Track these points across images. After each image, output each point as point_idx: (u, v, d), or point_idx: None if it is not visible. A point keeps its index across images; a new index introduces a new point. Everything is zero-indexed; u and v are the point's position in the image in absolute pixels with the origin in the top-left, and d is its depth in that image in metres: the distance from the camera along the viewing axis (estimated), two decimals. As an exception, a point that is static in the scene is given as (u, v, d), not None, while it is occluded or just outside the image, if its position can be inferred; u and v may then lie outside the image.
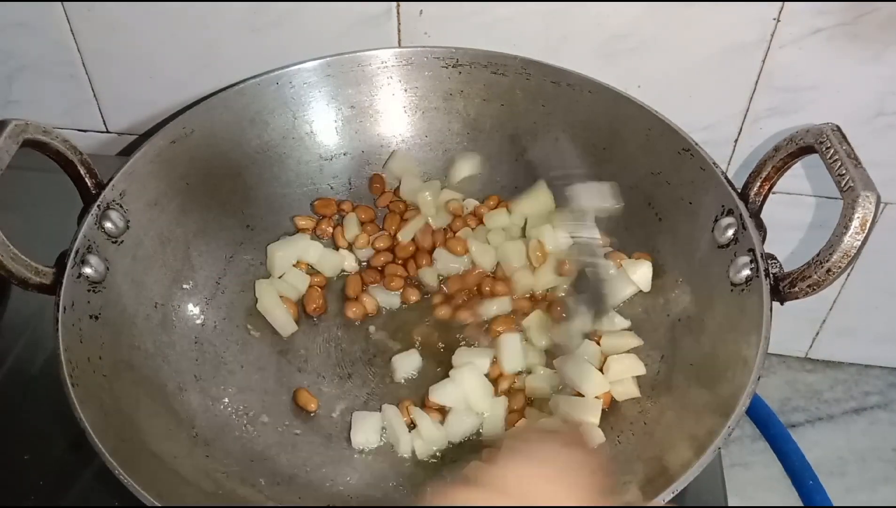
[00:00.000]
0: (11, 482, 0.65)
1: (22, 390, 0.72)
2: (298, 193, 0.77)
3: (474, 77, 0.75)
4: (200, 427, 0.64)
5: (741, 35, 0.70)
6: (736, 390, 0.54)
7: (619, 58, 0.73)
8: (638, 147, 0.69)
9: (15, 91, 0.87)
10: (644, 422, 0.63)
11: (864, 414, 0.89)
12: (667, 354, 0.66)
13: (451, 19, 0.75)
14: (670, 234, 0.69)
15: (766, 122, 0.75)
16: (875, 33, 0.68)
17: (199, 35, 0.80)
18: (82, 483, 0.65)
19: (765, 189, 0.62)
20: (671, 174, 0.68)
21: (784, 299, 0.58)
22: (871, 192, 0.53)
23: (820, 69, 0.71)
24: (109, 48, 0.83)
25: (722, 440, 0.53)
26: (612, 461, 0.61)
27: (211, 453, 0.62)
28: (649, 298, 0.70)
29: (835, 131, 0.57)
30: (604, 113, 0.70)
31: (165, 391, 0.64)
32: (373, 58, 0.75)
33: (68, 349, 0.56)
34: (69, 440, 0.67)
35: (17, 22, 0.82)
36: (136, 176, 0.66)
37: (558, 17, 0.72)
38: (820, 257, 0.55)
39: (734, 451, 0.84)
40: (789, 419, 0.88)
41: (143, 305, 0.66)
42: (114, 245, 0.64)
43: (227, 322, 0.72)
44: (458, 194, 0.77)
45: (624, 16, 0.71)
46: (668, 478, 0.52)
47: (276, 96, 0.74)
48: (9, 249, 0.57)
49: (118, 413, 0.58)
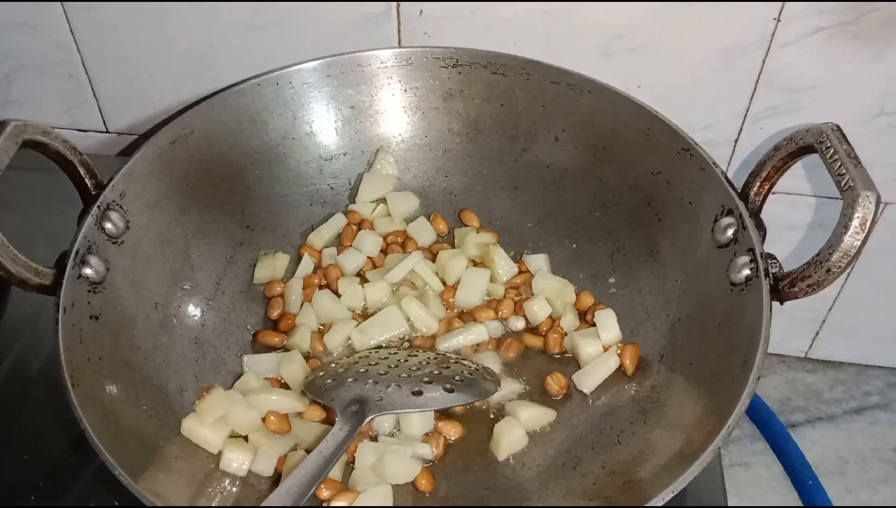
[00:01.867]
0: (11, 482, 0.65)
1: (22, 390, 0.72)
2: (298, 193, 0.77)
3: (474, 77, 0.75)
4: (200, 428, 0.64)
5: (741, 35, 0.70)
6: (736, 390, 0.54)
7: (620, 58, 0.73)
8: (638, 147, 0.69)
9: (14, 91, 0.87)
10: (644, 422, 0.63)
11: (864, 414, 0.89)
12: (667, 354, 0.66)
13: (451, 19, 0.75)
14: (670, 234, 0.69)
15: (766, 122, 0.75)
16: (875, 33, 0.68)
17: (199, 35, 0.80)
18: (82, 483, 0.65)
19: (765, 189, 0.62)
20: (671, 174, 0.68)
21: (784, 298, 0.58)
22: (871, 192, 0.53)
23: (820, 69, 0.71)
24: (109, 48, 0.83)
25: (722, 439, 0.53)
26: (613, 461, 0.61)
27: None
28: (649, 298, 0.70)
29: (835, 131, 0.57)
30: (604, 113, 0.70)
31: (165, 392, 0.64)
32: (373, 58, 0.75)
33: (68, 349, 0.56)
34: (69, 441, 0.67)
35: (17, 22, 0.82)
36: (135, 176, 0.66)
37: (558, 17, 0.72)
38: (820, 257, 0.55)
39: (734, 451, 0.84)
40: (789, 419, 0.88)
41: (143, 305, 0.66)
42: (114, 246, 0.64)
43: (227, 322, 0.72)
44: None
45: (624, 16, 0.71)
46: (668, 478, 0.52)
47: (275, 97, 0.74)
48: (9, 249, 0.57)
49: (118, 413, 0.58)
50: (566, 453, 0.64)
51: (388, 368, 0.65)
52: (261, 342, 0.72)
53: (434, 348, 0.71)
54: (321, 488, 0.60)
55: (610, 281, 0.73)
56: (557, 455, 0.64)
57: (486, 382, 0.65)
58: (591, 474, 0.61)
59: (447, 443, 0.65)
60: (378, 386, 0.62)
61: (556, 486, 0.61)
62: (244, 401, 0.64)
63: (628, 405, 0.65)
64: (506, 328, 0.73)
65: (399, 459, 0.62)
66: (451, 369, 0.65)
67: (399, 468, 0.62)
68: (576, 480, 0.61)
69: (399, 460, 0.62)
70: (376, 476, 0.62)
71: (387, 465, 0.61)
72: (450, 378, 0.64)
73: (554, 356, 0.71)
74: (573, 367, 0.70)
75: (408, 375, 0.64)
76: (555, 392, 0.68)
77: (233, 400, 0.64)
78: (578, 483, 0.61)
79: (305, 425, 0.65)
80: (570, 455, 0.63)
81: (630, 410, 0.65)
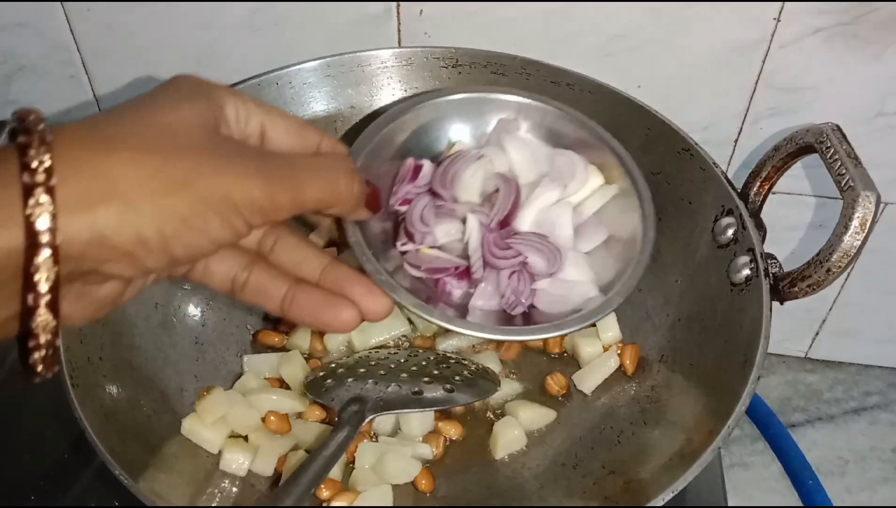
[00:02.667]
0: (11, 482, 0.65)
1: (22, 390, 0.72)
2: (298, 193, 0.77)
3: (474, 77, 0.75)
4: (200, 427, 0.64)
5: (741, 35, 0.70)
6: (736, 390, 0.54)
7: (619, 58, 0.73)
8: (638, 147, 0.69)
9: (14, 91, 0.87)
10: (644, 422, 0.63)
11: (864, 414, 0.89)
12: (667, 354, 0.66)
13: (451, 19, 0.75)
14: (670, 234, 0.69)
15: (766, 122, 0.75)
16: (875, 33, 0.68)
17: (199, 35, 0.80)
18: (82, 483, 0.65)
19: (765, 189, 0.62)
20: (671, 174, 0.68)
21: (784, 298, 0.58)
22: (871, 192, 0.53)
23: (820, 69, 0.71)
24: (109, 48, 0.83)
25: (722, 439, 0.53)
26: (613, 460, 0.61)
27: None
28: (649, 298, 0.70)
29: (835, 131, 0.57)
30: (604, 113, 0.70)
31: (165, 392, 0.64)
32: (373, 58, 0.75)
33: (68, 349, 0.56)
34: (69, 441, 0.67)
35: (17, 22, 0.82)
36: (136, 176, 0.66)
37: (558, 17, 0.72)
38: (820, 256, 0.55)
39: (734, 451, 0.84)
40: (789, 419, 0.87)
41: (144, 305, 0.66)
42: (114, 245, 0.64)
43: (227, 322, 0.72)
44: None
45: (624, 16, 0.71)
46: (668, 478, 0.52)
47: (276, 96, 0.74)
48: (9, 249, 0.57)
49: (118, 413, 0.58)
50: (566, 453, 0.64)
51: (389, 368, 0.65)
52: (261, 342, 0.72)
53: (434, 348, 0.71)
54: (321, 488, 0.60)
55: (610, 281, 0.73)
56: (557, 455, 0.64)
57: (486, 382, 0.65)
58: (591, 474, 0.61)
59: (447, 443, 0.65)
60: (378, 386, 0.62)
61: (556, 486, 0.61)
62: (244, 401, 0.64)
63: (628, 405, 0.65)
64: (506, 328, 0.73)
65: (399, 459, 0.62)
66: (452, 369, 0.65)
67: (399, 468, 0.62)
68: (576, 480, 0.61)
69: (399, 460, 0.62)
70: (376, 476, 0.62)
71: (387, 465, 0.61)
72: (450, 378, 0.64)
73: (554, 356, 0.71)
74: (573, 367, 0.70)
75: (408, 375, 0.64)
76: (555, 392, 0.68)
77: (233, 400, 0.64)
78: (578, 483, 0.61)
79: (305, 425, 0.65)
80: (570, 455, 0.63)
81: (630, 410, 0.65)
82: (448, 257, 0.56)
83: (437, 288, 0.55)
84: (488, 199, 0.58)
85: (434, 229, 0.56)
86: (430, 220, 0.56)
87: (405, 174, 0.57)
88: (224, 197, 0.37)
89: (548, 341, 0.71)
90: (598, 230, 0.58)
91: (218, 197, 0.37)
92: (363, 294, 0.45)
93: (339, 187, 0.44)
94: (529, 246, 0.56)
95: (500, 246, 0.55)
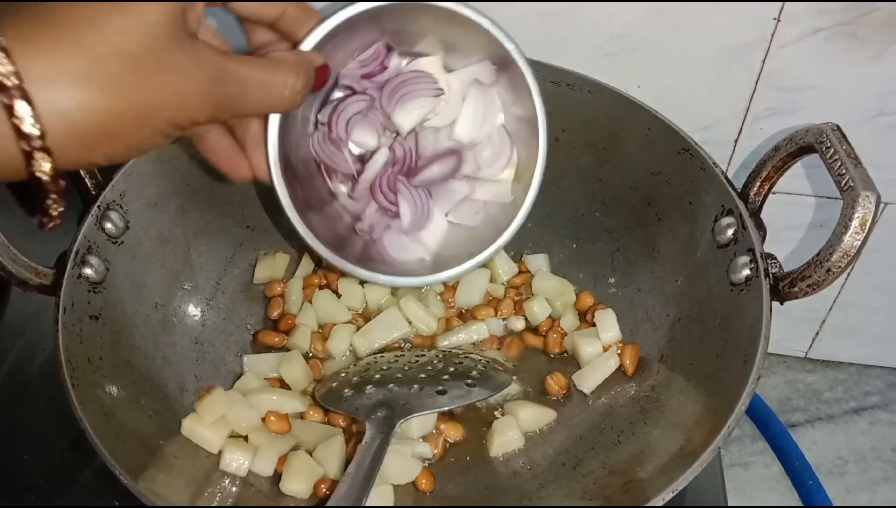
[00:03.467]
0: (11, 482, 0.65)
1: (22, 390, 0.72)
2: (298, 193, 0.77)
3: (474, 77, 0.75)
4: (200, 428, 0.64)
5: (741, 35, 0.70)
6: (736, 390, 0.54)
7: (619, 58, 0.73)
8: (638, 147, 0.69)
9: (15, 91, 0.87)
10: (644, 422, 0.63)
11: (864, 414, 0.89)
12: (667, 354, 0.66)
13: (450, 19, 0.75)
14: (670, 234, 0.69)
15: (766, 122, 0.75)
16: (875, 33, 0.68)
17: (199, 35, 0.80)
18: (82, 483, 0.65)
19: (765, 189, 0.62)
20: (671, 174, 0.68)
21: (784, 298, 0.58)
22: (871, 192, 0.53)
23: (820, 69, 0.71)
24: None
25: (722, 439, 0.53)
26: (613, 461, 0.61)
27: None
28: (649, 298, 0.70)
29: (835, 131, 0.57)
30: (604, 113, 0.70)
31: (165, 391, 0.64)
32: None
33: (68, 349, 0.56)
34: (69, 441, 0.67)
35: None
36: (136, 176, 0.66)
37: (558, 17, 0.72)
38: (820, 256, 0.55)
39: (734, 451, 0.84)
40: (789, 419, 0.88)
41: (143, 305, 0.66)
42: (114, 246, 0.64)
43: (227, 322, 0.72)
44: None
45: (624, 16, 0.71)
46: (668, 478, 0.52)
47: None
48: (9, 250, 0.57)
49: (118, 413, 0.58)
50: (566, 453, 0.64)
51: (403, 371, 0.65)
52: (261, 342, 0.72)
53: (435, 346, 0.71)
54: (321, 488, 0.61)
55: (610, 281, 0.73)
56: (557, 455, 0.64)
57: (501, 373, 0.65)
58: (591, 474, 0.61)
59: (447, 443, 0.65)
60: (401, 389, 0.62)
61: (556, 486, 0.61)
62: (244, 401, 0.64)
63: (628, 405, 0.65)
64: (506, 327, 0.73)
65: (399, 459, 0.62)
66: (464, 364, 0.65)
67: (399, 468, 0.62)
68: (576, 480, 0.61)
69: (399, 460, 0.62)
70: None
71: (387, 465, 0.61)
72: (467, 374, 0.64)
73: (554, 356, 0.71)
74: (573, 367, 0.70)
75: (426, 375, 0.64)
76: (555, 392, 0.68)
77: (233, 400, 0.64)
78: (578, 483, 0.61)
79: (305, 425, 0.65)
80: (569, 455, 0.63)
81: (630, 410, 0.65)
82: (344, 160, 0.56)
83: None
84: (414, 135, 0.58)
85: (349, 140, 0.56)
86: (352, 131, 0.56)
87: (369, 62, 0.55)
88: (169, 120, 0.41)
89: (548, 341, 0.71)
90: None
91: (164, 120, 0.41)
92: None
93: (283, 99, 0.46)
94: (409, 200, 0.57)
95: (391, 186, 0.57)
